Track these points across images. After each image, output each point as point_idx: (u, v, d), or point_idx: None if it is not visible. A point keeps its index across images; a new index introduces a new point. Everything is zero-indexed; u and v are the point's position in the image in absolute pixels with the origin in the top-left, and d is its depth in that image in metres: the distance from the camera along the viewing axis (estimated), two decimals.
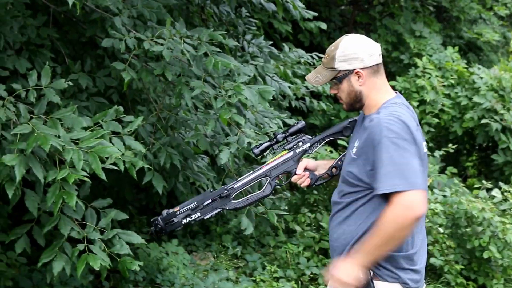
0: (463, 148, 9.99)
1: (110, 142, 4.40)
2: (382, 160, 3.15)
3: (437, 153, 8.62)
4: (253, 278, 7.01)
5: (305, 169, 3.67)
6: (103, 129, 4.43)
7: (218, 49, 5.04)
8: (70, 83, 4.65)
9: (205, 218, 3.55)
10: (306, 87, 7.79)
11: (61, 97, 4.86)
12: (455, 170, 8.83)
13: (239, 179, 3.62)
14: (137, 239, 4.62)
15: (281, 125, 5.57)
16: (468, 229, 7.07)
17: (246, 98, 4.86)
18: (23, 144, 4.08)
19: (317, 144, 3.69)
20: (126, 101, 5.91)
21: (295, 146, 3.68)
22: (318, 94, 8.73)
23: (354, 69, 3.34)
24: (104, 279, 5.20)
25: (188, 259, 6.97)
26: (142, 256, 6.37)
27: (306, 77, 3.53)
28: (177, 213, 3.53)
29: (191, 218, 3.54)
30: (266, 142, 3.71)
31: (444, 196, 7.44)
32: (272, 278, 7.00)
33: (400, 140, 3.15)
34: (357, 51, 3.34)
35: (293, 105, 7.76)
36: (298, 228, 7.46)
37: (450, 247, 7.14)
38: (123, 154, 4.42)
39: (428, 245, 7.02)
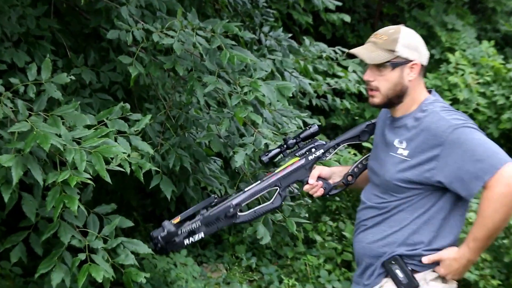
0: None
1: (116, 141, 4.39)
2: (466, 152, 3.16)
3: None
4: None
5: (318, 177, 3.67)
6: (108, 127, 4.43)
7: (233, 42, 5.03)
8: (73, 77, 4.65)
9: (204, 237, 3.57)
10: (328, 84, 7.78)
11: (63, 93, 4.85)
12: None
13: (245, 189, 3.61)
14: (144, 248, 4.61)
15: (301, 125, 5.55)
16: (505, 241, 7.03)
17: (264, 95, 4.84)
18: (21, 143, 4.07)
19: (331, 150, 3.69)
20: (132, 98, 5.92)
21: (307, 153, 3.68)
22: (341, 92, 8.72)
23: (413, 60, 3.35)
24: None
25: (198, 271, 6.96)
26: (148, 267, 6.37)
27: (353, 52, 3.44)
28: (179, 232, 3.53)
29: (194, 239, 3.55)
30: (275, 148, 3.70)
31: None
32: None
33: (471, 124, 3.21)
34: (419, 43, 3.37)
35: (314, 104, 7.76)
36: (318, 238, 7.45)
37: (485, 261, 7.10)
38: (129, 156, 4.41)
39: None
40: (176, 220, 3.55)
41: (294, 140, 3.68)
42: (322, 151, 3.66)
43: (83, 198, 4.72)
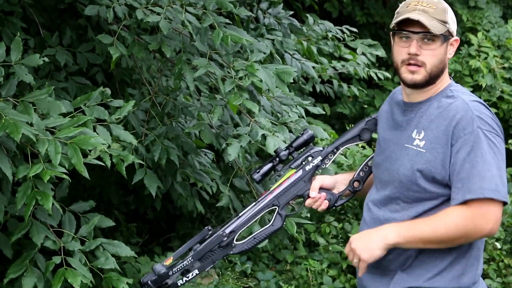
0: None
1: (94, 131, 4.40)
2: (475, 157, 3.15)
3: None
4: None
5: (320, 189, 3.61)
6: (86, 115, 4.44)
7: (227, 20, 5.04)
8: (46, 59, 4.65)
9: (203, 270, 3.54)
10: (334, 67, 7.80)
11: (35, 76, 4.87)
12: None
13: (239, 214, 3.56)
14: (126, 251, 4.64)
15: (303, 113, 5.57)
16: None
17: (261, 81, 4.85)
18: None
19: (330, 155, 3.62)
20: (113, 82, 5.93)
21: (304, 163, 3.62)
22: (349, 77, 8.74)
23: (454, 37, 3.36)
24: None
25: None
26: (130, 272, 6.39)
27: (413, 17, 3.27)
28: (170, 273, 3.49)
29: (187, 278, 3.51)
30: (267, 163, 3.63)
31: (504, 203, 7.42)
32: None
33: (496, 137, 3.19)
34: (454, 18, 3.37)
35: (318, 90, 7.78)
36: (321, 240, 7.47)
37: (509, 267, 7.14)
38: (109, 147, 4.43)
39: None
40: (168, 261, 3.50)
41: (287, 151, 3.61)
42: (320, 158, 3.60)
43: (58, 195, 4.74)
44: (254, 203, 3.57)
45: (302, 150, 3.64)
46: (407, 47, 3.30)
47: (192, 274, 3.49)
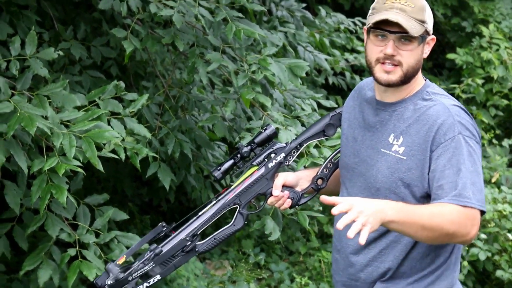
0: None
1: (109, 124, 4.41)
2: (457, 164, 3.07)
3: (506, 142, 8.61)
4: None
5: (283, 187, 3.44)
6: (100, 109, 4.44)
7: (239, 14, 5.03)
8: (61, 53, 4.67)
9: (165, 276, 3.39)
10: (347, 60, 7.78)
11: (49, 69, 4.87)
12: None
13: (199, 214, 3.39)
14: None
15: (316, 107, 5.56)
16: None
17: (274, 75, 4.84)
18: (3, 126, 4.09)
19: (293, 152, 3.45)
20: (127, 76, 5.94)
21: (266, 160, 3.44)
22: (361, 69, 8.72)
23: (431, 36, 3.23)
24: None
25: (200, 268, 7.00)
26: None
27: (392, 18, 3.14)
28: (129, 278, 3.31)
29: (148, 283, 3.33)
30: (228, 160, 3.45)
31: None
32: None
33: (475, 143, 3.12)
34: (431, 15, 3.25)
35: (331, 82, 7.76)
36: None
37: None
38: (123, 140, 4.43)
39: (494, 254, 7.03)
40: (121, 260, 3.34)
41: (249, 147, 3.43)
42: (283, 155, 3.44)
43: (73, 188, 4.74)
44: (214, 202, 3.40)
45: (264, 146, 3.48)
46: (383, 46, 3.16)
47: (154, 280, 3.33)
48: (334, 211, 2.86)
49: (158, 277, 3.34)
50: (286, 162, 3.46)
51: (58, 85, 4.42)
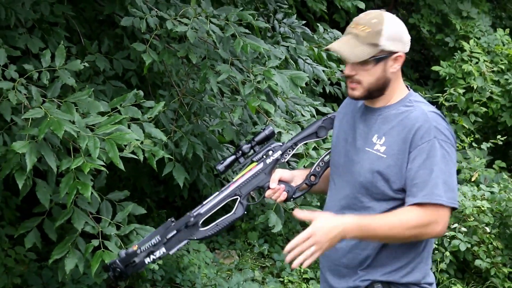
0: None
1: (129, 128, 4.40)
2: (430, 165, 3.06)
3: (485, 145, 8.57)
4: (281, 279, 7.01)
5: (280, 181, 3.43)
6: (121, 114, 4.43)
7: (246, 31, 5.02)
8: (86, 64, 4.66)
9: (171, 252, 3.35)
10: (342, 71, 7.76)
11: (76, 79, 4.87)
12: (503, 164, 8.76)
13: (204, 202, 3.38)
14: None
15: (314, 113, 5.55)
16: None
17: (277, 84, 4.83)
18: (34, 130, 4.09)
19: (289, 150, 3.44)
20: (146, 85, 5.93)
21: (264, 156, 3.43)
22: None
23: (397, 52, 3.15)
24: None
25: (210, 258, 6.98)
26: None
27: (333, 49, 3.20)
28: (138, 251, 3.31)
29: (155, 255, 3.31)
30: (230, 156, 3.46)
31: (492, 192, 7.39)
32: (301, 280, 7.00)
33: (450, 146, 3.10)
34: (403, 32, 3.18)
35: (328, 91, 7.74)
36: None
37: (497, 248, 7.09)
38: (142, 143, 4.42)
39: (473, 245, 7.01)
40: (134, 248, 3.33)
41: (249, 145, 3.44)
42: (280, 152, 3.43)
43: (97, 185, 4.74)
44: (217, 193, 3.40)
45: (263, 144, 3.47)
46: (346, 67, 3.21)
47: (160, 252, 3.31)
48: (294, 242, 3.04)
49: (164, 250, 3.32)
50: (282, 159, 3.45)
51: (84, 93, 4.42)
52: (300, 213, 3.10)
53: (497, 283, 7.03)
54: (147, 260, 3.33)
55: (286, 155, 3.45)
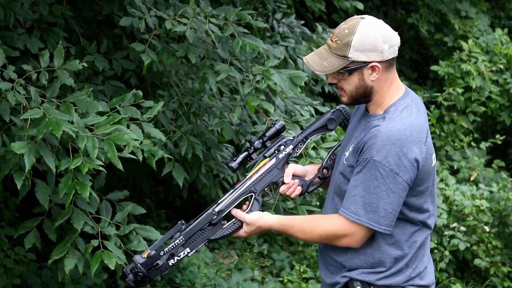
0: (511, 140, 9.90)
1: (128, 128, 4.38)
2: (357, 181, 3.12)
3: (483, 145, 8.57)
4: (280, 279, 7.01)
5: (293, 176, 3.48)
6: (120, 114, 4.42)
7: (245, 30, 5.01)
8: (85, 64, 4.64)
9: (190, 255, 3.38)
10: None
11: (75, 79, 4.86)
12: (502, 164, 8.77)
13: (219, 200, 3.41)
14: (156, 235, 4.61)
15: (313, 112, 5.53)
16: None
17: (276, 84, 4.82)
18: (33, 130, 4.07)
19: (300, 144, 3.47)
20: (145, 85, 5.91)
21: (276, 152, 3.46)
22: None
23: (371, 62, 3.11)
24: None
25: (210, 257, 6.97)
26: None
27: (305, 60, 3.25)
28: (161, 253, 3.33)
29: (179, 257, 3.34)
30: (242, 152, 3.47)
31: (491, 191, 7.40)
32: (301, 279, 6.99)
33: (387, 171, 3.07)
34: (377, 41, 3.10)
35: (326, 91, 7.72)
36: None
37: (496, 248, 7.10)
38: (141, 143, 4.41)
39: (472, 245, 7.01)
40: (146, 253, 3.36)
41: (261, 140, 3.46)
42: (291, 146, 3.46)
43: (96, 185, 4.73)
44: (232, 190, 3.43)
45: (274, 140, 3.50)
46: None
47: (184, 253, 3.34)
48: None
49: (188, 250, 3.35)
50: (294, 154, 3.48)
51: (83, 93, 4.40)
52: (234, 212, 3.37)
53: (496, 282, 7.03)
54: (170, 262, 3.36)
55: (297, 149, 3.48)
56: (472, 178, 8.06)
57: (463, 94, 9.20)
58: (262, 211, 3.41)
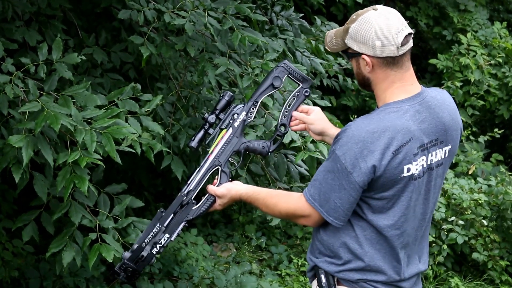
0: (510, 133, 9.89)
1: (126, 122, 4.38)
2: (322, 168, 3.15)
3: (482, 139, 8.56)
4: (278, 272, 7.00)
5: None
6: (119, 108, 4.42)
7: (244, 24, 5.00)
8: (84, 57, 4.64)
9: (173, 237, 3.42)
10: (339, 64, 7.73)
11: (74, 72, 4.85)
12: (501, 157, 8.77)
13: (189, 181, 3.48)
14: None
15: (312, 106, 5.52)
16: None
17: None
18: (31, 123, 4.07)
19: (252, 108, 3.50)
20: (143, 78, 5.90)
21: (231, 121, 3.50)
22: (352, 72, 8.65)
23: (362, 54, 3.13)
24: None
25: (208, 250, 6.97)
26: None
27: (326, 33, 3.32)
28: (143, 245, 3.37)
29: (160, 244, 3.39)
30: (199, 130, 3.50)
31: (489, 185, 7.39)
32: (298, 272, 6.99)
33: (341, 166, 3.08)
34: (369, 35, 3.09)
35: (325, 84, 7.71)
36: None
37: (494, 241, 7.09)
38: (140, 136, 4.41)
39: (470, 238, 7.00)
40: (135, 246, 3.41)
41: (213, 115, 3.49)
42: (244, 113, 3.48)
43: (94, 178, 4.72)
44: (198, 168, 3.48)
45: (226, 110, 3.52)
46: None
47: (164, 239, 3.40)
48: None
49: (167, 235, 3.40)
50: (249, 119, 3.52)
51: (81, 87, 4.40)
52: (209, 188, 3.43)
53: (494, 276, 7.03)
54: (154, 250, 3.40)
55: (251, 114, 3.52)
56: (470, 172, 8.06)
57: (462, 88, 9.19)
58: (231, 180, 3.47)
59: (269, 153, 3.56)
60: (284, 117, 3.53)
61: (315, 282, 3.32)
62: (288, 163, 5.39)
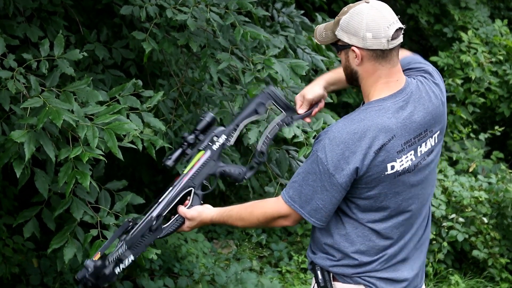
0: (510, 131, 9.89)
1: (128, 118, 4.38)
2: (301, 170, 3.13)
3: (482, 136, 8.56)
4: (279, 269, 7.00)
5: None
6: (120, 104, 4.41)
7: (246, 19, 4.99)
8: (85, 54, 4.63)
9: (136, 258, 3.38)
10: (340, 60, 7.74)
11: (75, 68, 4.84)
12: (501, 155, 8.76)
13: (159, 200, 3.39)
14: None
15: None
16: None
17: (277, 73, 4.82)
18: (33, 119, 4.07)
19: (232, 132, 3.45)
20: (145, 74, 5.89)
21: (210, 143, 3.45)
22: None
23: (351, 45, 3.10)
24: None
25: (208, 247, 6.97)
26: (159, 243, 6.36)
27: (316, 27, 3.30)
28: (106, 263, 3.32)
29: (124, 264, 3.33)
30: (177, 149, 3.45)
31: (489, 183, 7.39)
32: (299, 269, 6.99)
33: (321, 166, 3.06)
34: (361, 26, 3.07)
35: None
36: None
37: (494, 239, 7.09)
38: (141, 132, 4.40)
39: (470, 236, 7.00)
40: (97, 256, 3.34)
41: (193, 135, 3.44)
42: (224, 136, 3.44)
43: (95, 174, 4.71)
44: (171, 188, 3.41)
45: (206, 131, 3.47)
46: None
47: (128, 261, 3.33)
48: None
49: (132, 257, 3.34)
50: (228, 143, 3.47)
51: (83, 83, 4.39)
52: (180, 209, 3.39)
53: (494, 273, 7.03)
54: (116, 270, 3.34)
55: (230, 138, 3.47)
56: (470, 169, 8.06)
57: (463, 85, 9.19)
58: (202, 204, 3.43)
59: (244, 180, 3.50)
60: (264, 145, 3.49)
61: (314, 278, 3.33)
62: (290, 159, 5.38)
